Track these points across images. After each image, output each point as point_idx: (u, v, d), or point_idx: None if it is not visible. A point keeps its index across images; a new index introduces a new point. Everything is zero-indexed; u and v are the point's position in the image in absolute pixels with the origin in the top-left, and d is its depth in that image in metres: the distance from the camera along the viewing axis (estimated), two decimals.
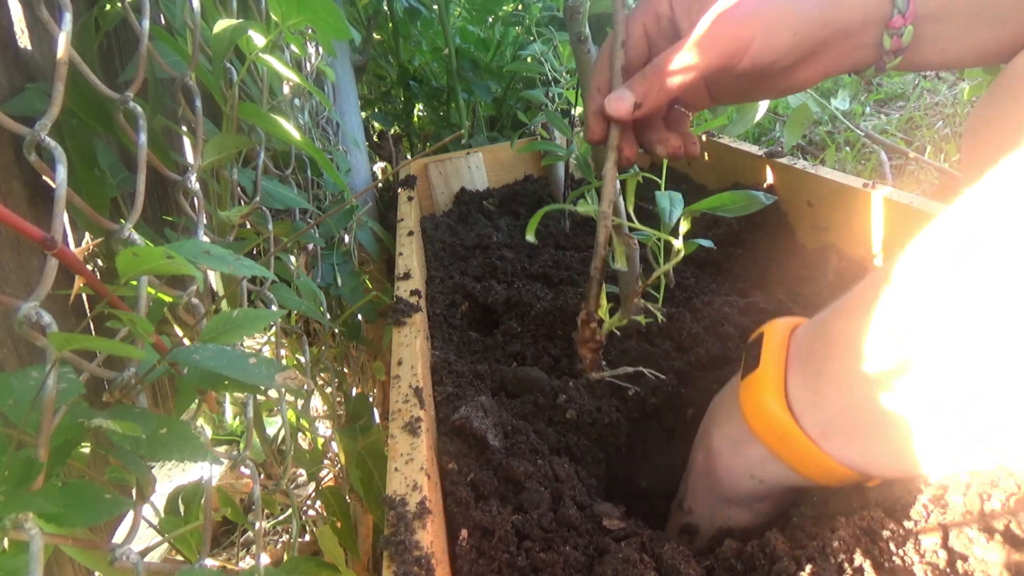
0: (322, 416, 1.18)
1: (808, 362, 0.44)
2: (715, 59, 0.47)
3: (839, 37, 0.49)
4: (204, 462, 0.31)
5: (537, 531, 0.43)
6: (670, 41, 0.52)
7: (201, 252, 0.32)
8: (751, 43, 0.46)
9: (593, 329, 0.52)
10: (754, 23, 0.46)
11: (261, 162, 0.60)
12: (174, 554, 0.72)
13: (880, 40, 0.49)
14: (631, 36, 0.51)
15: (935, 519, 0.38)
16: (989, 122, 0.52)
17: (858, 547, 0.38)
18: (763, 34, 0.46)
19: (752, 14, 0.47)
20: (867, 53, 0.51)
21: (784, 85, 0.51)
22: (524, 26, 1.31)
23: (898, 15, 0.48)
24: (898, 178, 1.60)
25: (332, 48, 0.96)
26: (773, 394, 0.44)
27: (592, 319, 0.52)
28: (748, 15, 0.47)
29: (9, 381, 0.28)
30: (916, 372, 0.37)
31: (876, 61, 0.51)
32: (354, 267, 0.92)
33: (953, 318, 0.36)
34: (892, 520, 0.39)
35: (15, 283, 0.43)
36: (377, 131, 1.66)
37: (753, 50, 0.47)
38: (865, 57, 0.51)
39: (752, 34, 0.46)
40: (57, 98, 0.32)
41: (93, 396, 0.46)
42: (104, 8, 0.50)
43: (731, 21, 0.46)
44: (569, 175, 1.05)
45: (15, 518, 0.24)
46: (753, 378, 0.45)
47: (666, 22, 0.51)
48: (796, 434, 0.42)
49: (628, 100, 0.48)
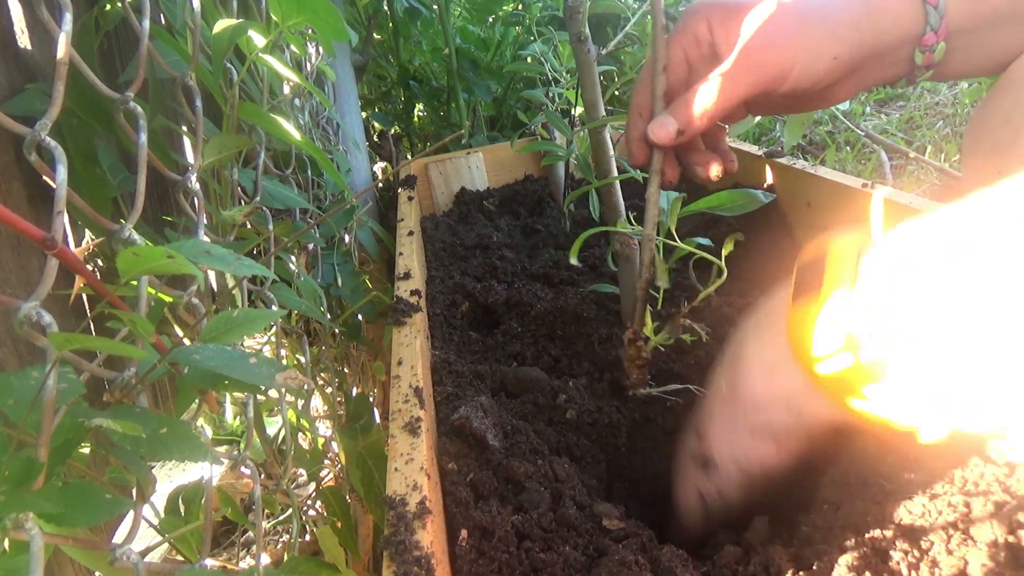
0: (322, 416, 1.18)
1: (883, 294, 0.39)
2: (757, 86, 0.47)
3: (875, 56, 0.50)
4: (204, 462, 0.31)
5: (537, 531, 0.43)
6: (709, 64, 0.52)
7: (201, 252, 0.32)
8: (792, 69, 0.47)
9: (639, 347, 0.53)
10: (795, 49, 0.47)
11: (261, 162, 0.60)
12: (174, 554, 0.72)
13: (912, 56, 0.50)
14: (671, 60, 0.51)
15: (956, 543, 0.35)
16: (990, 123, 0.52)
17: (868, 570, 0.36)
18: (804, 60, 0.47)
19: (793, 40, 0.47)
20: (900, 68, 0.52)
21: (820, 101, 0.52)
22: (524, 26, 1.31)
23: (931, 32, 0.49)
24: (898, 178, 1.60)
25: (332, 48, 0.96)
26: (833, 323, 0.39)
27: (639, 337, 0.53)
28: (789, 42, 0.47)
29: (9, 381, 0.28)
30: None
31: (907, 74, 0.52)
32: (354, 267, 0.92)
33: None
34: (907, 540, 0.36)
35: (15, 283, 0.43)
36: (377, 131, 1.65)
37: (794, 75, 0.47)
38: (897, 72, 0.52)
39: (793, 61, 0.47)
40: (57, 98, 0.32)
41: (93, 396, 0.46)
42: (104, 8, 0.50)
43: (772, 48, 0.47)
44: (569, 175, 1.05)
45: (15, 518, 0.24)
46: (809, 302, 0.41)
47: (706, 46, 0.51)
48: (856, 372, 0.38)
49: (672, 127, 0.49)
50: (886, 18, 0.49)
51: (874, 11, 0.49)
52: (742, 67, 0.47)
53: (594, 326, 0.71)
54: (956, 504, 0.37)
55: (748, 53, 0.47)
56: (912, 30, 0.49)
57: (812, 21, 0.48)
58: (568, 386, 0.62)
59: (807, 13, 0.48)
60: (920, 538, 0.36)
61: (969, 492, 0.38)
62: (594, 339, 0.70)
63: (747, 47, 0.48)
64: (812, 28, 0.47)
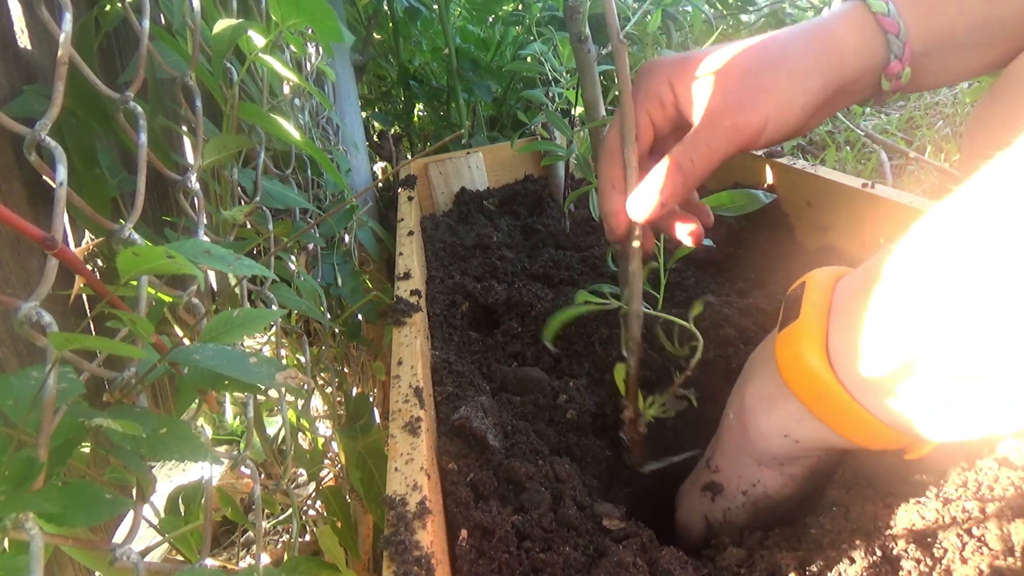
0: (322, 416, 1.18)
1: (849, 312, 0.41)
2: (733, 149, 0.48)
3: (841, 91, 0.50)
4: (204, 462, 0.31)
5: (537, 531, 0.43)
6: (676, 126, 0.52)
7: (201, 252, 0.32)
8: (765, 127, 0.47)
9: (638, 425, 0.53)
10: (766, 108, 0.47)
11: (261, 162, 0.60)
12: (174, 554, 0.72)
13: (879, 82, 0.51)
14: (638, 125, 0.51)
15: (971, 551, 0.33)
16: (990, 123, 0.52)
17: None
18: (775, 116, 0.47)
19: (762, 100, 0.47)
20: (867, 94, 0.52)
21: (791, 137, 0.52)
22: (524, 26, 1.31)
23: (895, 61, 0.49)
24: (898, 178, 1.60)
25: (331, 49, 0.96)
26: (812, 347, 0.41)
27: (640, 416, 0.53)
28: (759, 102, 0.47)
29: (9, 381, 0.28)
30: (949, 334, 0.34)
31: (876, 97, 0.53)
32: (354, 267, 0.92)
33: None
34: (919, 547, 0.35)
35: (15, 283, 0.43)
36: (377, 131, 1.66)
37: (767, 132, 0.48)
38: (865, 97, 0.53)
39: (765, 119, 0.47)
40: (57, 98, 0.32)
41: (93, 396, 0.46)
42: (104, 8, 0.50)
43: (743, 111, 0.47)
44: (569, 175, 1.05)
45: (15, 518, 0.24)
46: (791, 330, 0.42)
47: (670, 107, 0.51)
48: (835, 390, 0.39)
49: (653, 201, 0.48)
50: (847, 54, 0.49)
51: (834, 50, 0.49)
52: (716, 133, 0.47)
53: (594, 326, 0.71)
54: (971, 509, 0.36)
55: (720, 118, 0.47)
56: (874, 59, 0.50)
57: (777, 75, 0.48)
58: (568, 386, 0.62)
59: (769, 66, 0.48)
60: (933, 545, 0.35)
61: (984, 497, 0.37)
62: (594, 339, 0.70)
63: (717, 112, 0.48)
64: (778, 83, 0.48)
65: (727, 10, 1.44)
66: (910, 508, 0.38)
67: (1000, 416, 0.35)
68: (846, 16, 0.50)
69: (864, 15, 0.49)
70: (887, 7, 0.49)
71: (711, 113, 0.48)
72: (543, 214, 1.09)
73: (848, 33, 0.49)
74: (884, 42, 0.49)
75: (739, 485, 0.49)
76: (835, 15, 0.51)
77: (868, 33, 0.49)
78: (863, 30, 0.49)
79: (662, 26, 1.15)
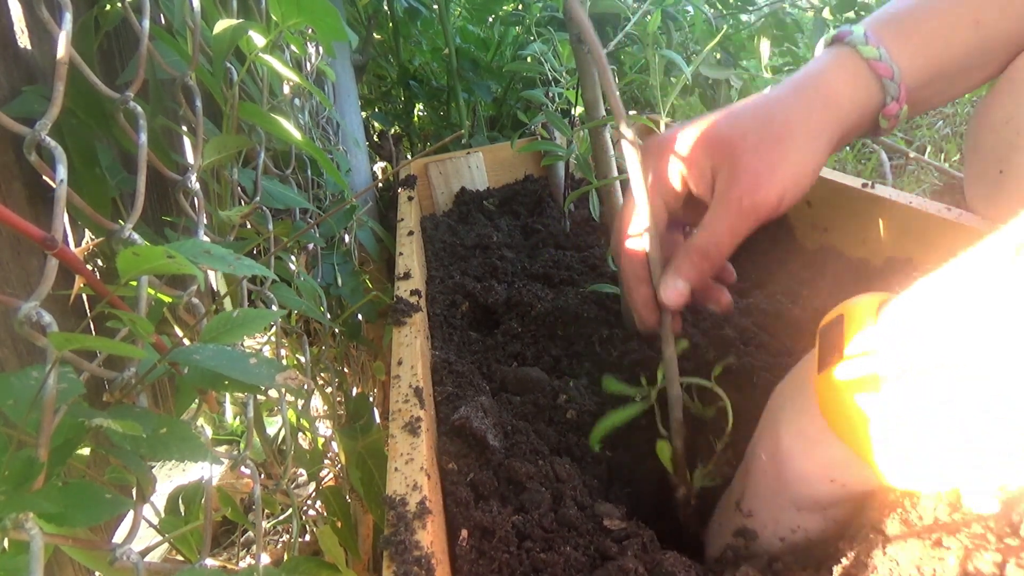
0: (322, 416, 1.18)
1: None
2: (754, 225, 0.48)
3: (842, 139, 0.51)
4: (204, 462, 0.31)
5: (538, 531, 0.43)
6: (688, 205, 0.53)
7: (201, 252, 0.32)
8: (783, 199, 0.48)
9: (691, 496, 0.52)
10: (781, 183, 0.47)
11: (261, 162, 0.60)
12: (174, 554, 0.72)
13: (877, 121, 0.51)
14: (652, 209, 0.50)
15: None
16: (991, 123, 0.52)
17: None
18: (791, 187, 0.48)
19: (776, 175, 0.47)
20: (866, 132, 0.53)
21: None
22: (524, 26, 1.31)
23: (893, 102, 0.50)
24: (898, 178, 1.60)
25: (332, 49, 0.96)
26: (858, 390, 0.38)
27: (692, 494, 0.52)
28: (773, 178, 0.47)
29: (9, 381, 0.28)
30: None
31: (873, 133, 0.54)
32: (354, 267, 0.92)
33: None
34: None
35: (15, 283, 0.43)
36: (377, 131, 1.65)
37: (785, 202, 0.48)
38: (864, 134, 0.54)
39: (781, 194, 0.48)
40: (57, 98, 0.32)
41: (93, 396, 0.46)
42: (104, 8, 0.50)
43: (759, 190, 0.47)
44: (569, 175, 1.05)
45: (15, 518, 0.24)
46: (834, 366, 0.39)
47: (681, 187, 0.52)
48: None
49: (684, 289, 0.48)
50: (845, 105, 0.50)
51: (834, 104, 0.50)
52: (736, 215, 0.48)
53: (595, 326, 0.71)
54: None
55: (737, 200, 0.47)
56: (871, 103, 0.50)
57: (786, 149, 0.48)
58: (569, 386, 0.62)
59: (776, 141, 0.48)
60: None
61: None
62: (595, 339, 0.70)
63: (734, 194, 0.48)
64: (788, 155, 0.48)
65: (727, 10, 1.44)
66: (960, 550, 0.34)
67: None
68: (839, 65, 0.50)
69: (856, 62, 0.50)
70: (878, 52, 0.49)
71: (728, 195, 0.48)
72: (543, 214, 1.09)
73: (844, 83, 0.50)
74: (880, 86, 0.49)
75: (776, 531, 0.45)
76: (827, 65, 0.51)
77: (863, 80, 0.50)
78: (857, 78, 0.50)
79: (662, 26, 1.15)
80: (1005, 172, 0.50)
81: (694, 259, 0.49)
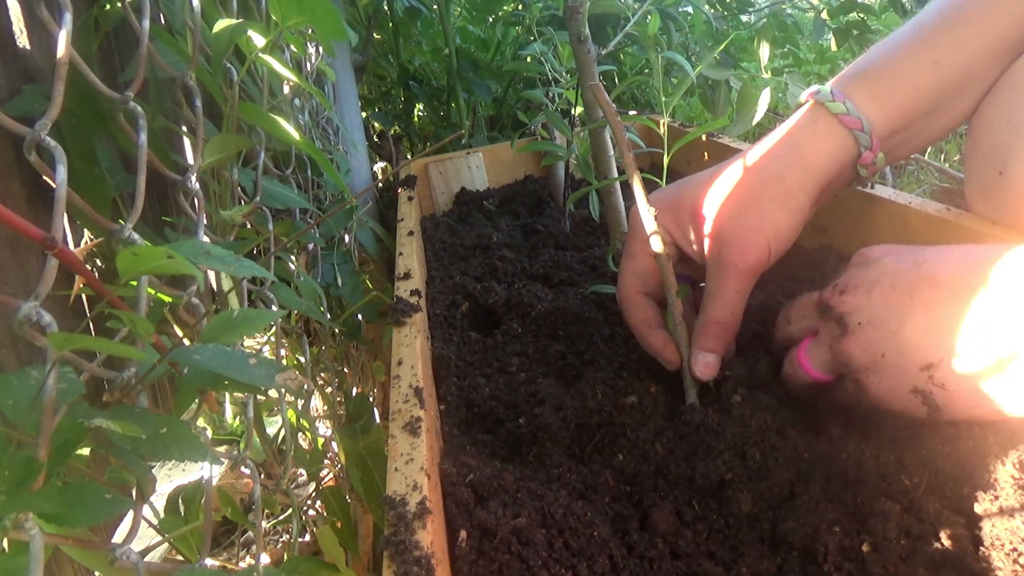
0: (322, 416, 1.18)
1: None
2: (754, 280, 0.53)
3: (824, 192, 0.55)
4: (204, 462, 0.31)
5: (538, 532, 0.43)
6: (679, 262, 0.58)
7: (201, 252, 0.32)
8: (771, 253, 0.52)
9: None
10: (765, 241, 0.52)
11: (261, 162, 0.60)
12: (174, 554, 0.72)
13: (856, 170, 0.55)
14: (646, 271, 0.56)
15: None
16: (991, 123, 0.52)
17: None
18: (775, 241, 0.52)
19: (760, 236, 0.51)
20: (849, 181, 0.57)
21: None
22: (524, 26, 1.31)
23: (866, 152, 0.53)
24: (898, 178, 1.60)
25: (332, 48, 0.96)
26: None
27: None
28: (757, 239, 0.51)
29: (9, 381, 0.28)
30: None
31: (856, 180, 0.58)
32: (354, 267, 0.92)
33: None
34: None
35: (15, 283, 0.43)
36: (377, 131, 1.65)
37: (773, 255, 0.52)
38: (848, 183, 0.58)
39: (768, 249, 0.52)
40: (57, 98, 0.32)
41: (93, 396, 0.46)
42: (104, 8, 0.50)
43: (747, 252, 0.51)
44: (569, 175, 1.05)
45: (15, 518, 0.24)
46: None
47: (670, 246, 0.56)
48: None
49: (714, 360, 0.52)
50: (822, 160, 0.53)
51: (809, 163, 0.53)
52: (736, 279, 0.52)
53: (595, 326, 0.71)
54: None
55: (731, 265, 0.52)
56: (847, 155, 0.53)
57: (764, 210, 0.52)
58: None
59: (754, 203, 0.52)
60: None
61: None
62: (596, 339, 0.70)
63: (725, 259, 0.52)
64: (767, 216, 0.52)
65: (727, 10, 1.44)
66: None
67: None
68: (811, 123, 0.53)
69: (827, 118, 0.53)
70: (845, 106, 0.52)
71: (721, 262, 0.52)
72: (543, 214, 1.09)
73: (817, 140, 0.53)
74: (852, 139, 0.52)
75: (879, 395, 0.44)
76: (800, 125, 0.54)
77: (835, 135, 0.53)
78: (830, 135, 0.53)
79: (662, 27, 1.15)
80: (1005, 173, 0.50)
81: (714, 331, 0.52)
